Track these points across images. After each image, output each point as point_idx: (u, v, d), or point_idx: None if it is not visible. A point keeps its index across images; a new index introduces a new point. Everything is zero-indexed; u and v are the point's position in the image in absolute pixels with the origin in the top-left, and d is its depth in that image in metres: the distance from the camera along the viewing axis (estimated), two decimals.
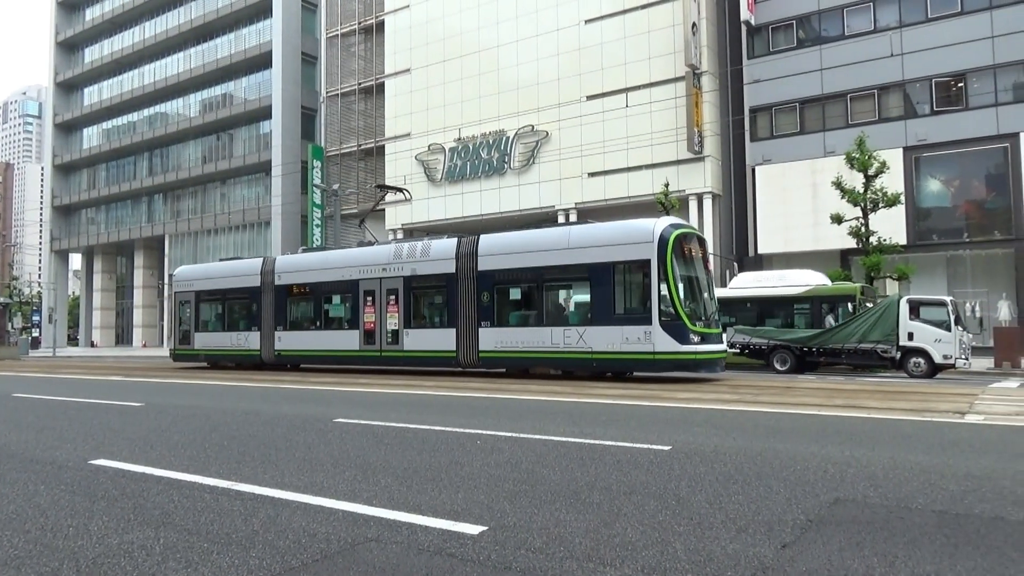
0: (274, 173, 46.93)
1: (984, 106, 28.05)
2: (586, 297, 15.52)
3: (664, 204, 27.42)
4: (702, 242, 15.87)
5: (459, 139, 38.38)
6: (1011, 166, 27.40)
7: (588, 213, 33.74)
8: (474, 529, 4.07)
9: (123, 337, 61.74)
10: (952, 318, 17.47)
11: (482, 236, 17.32)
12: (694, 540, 3.86)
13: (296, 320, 20.84)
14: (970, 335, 18.43)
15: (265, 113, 48.60)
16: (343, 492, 4.99)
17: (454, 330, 17.11)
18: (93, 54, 61.54)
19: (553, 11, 35.95)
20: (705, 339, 14.47)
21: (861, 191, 24.12)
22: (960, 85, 28.68)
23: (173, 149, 55.49)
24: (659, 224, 14.78)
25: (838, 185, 24.30)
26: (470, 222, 36.90)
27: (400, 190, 25.65)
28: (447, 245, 17.66)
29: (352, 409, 10.20)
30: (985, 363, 20.82)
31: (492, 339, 16.48)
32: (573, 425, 8.22)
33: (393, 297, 18.33)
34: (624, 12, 33.97)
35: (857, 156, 24.02)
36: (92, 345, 60.30)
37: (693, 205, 31.81)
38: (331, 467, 5.88)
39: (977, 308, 20.22)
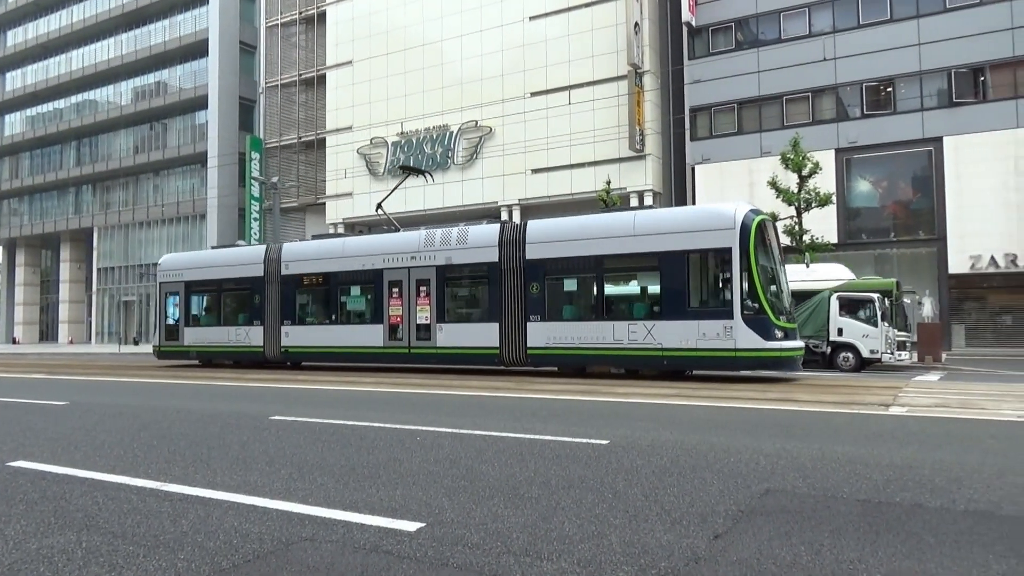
0: (210, 165, 45.66)
1: (911, 110, 29.20)
2: (655, 288, 14.26)
3: (606, 201, 27.72)
4: (776, 229, 14.76)
5: (402, 133, 38.03)
6: (935, 169, 28.61)
7: (531, 209, 33.89)
8: (411, 526, 4.03)
9: (47, 334, 59.23)
10: (879, 314, 18.14)
11: (530, 222, 16.03)
12: (629, 532, 3.91)
13: (307, 314, 19.18)
14: (895, 330, 19.18)
15: (201, 103, 47.21)
16: (278, 491, 4.89)
17: (497, 325, 15.74)
18: (16, 37, 58.68)
19: (497, 7, 35.91)
20: (787, 335, 13.43)
21: (795, 191, 24.84)
22: (889, 90, 29.80)
23: (103, 138, 53.39)
24: (740, 209, 13.60)
25: (773, 185, 24.97)
26: (413, 217, 36.61)
27: (423, 172, 23.41)
28: (488, 231, 16.35)
29: (290, 406, 10.00)
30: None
31: (543, 335, 15.16)
32: (514, 420, 8.24)
33: (424, 288, 16.81)
34: (568, 10, 34.16)
35: (792, 157, 24.72)
36: (14, 342, 57.66)
37: (634, 202, 32.26)
38: (266, 465, 5.76)
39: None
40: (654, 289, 14.31)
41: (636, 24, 32.12)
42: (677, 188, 33.44)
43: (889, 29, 29.55)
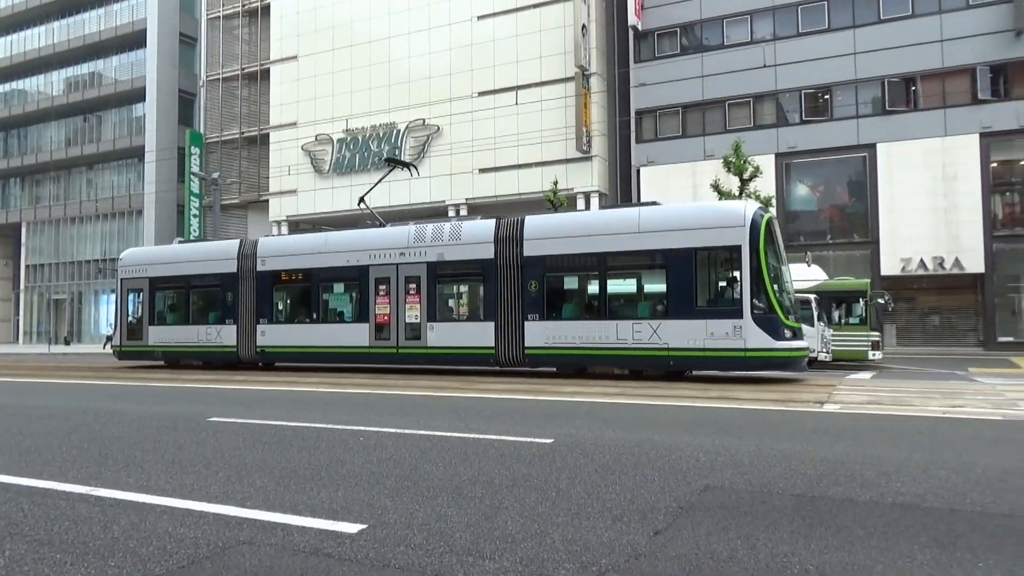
0: (147, 159, 44.27)
1: (847, 117, 30.20)
2: (661, 287, 13.91)
3: (553, 202, 27.89)
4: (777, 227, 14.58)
5: (348, 130, 37.55)
6: (869, 174, 29.65)
7: (478, 209, 33.85)
8: (353, 528, 3.99)
9: None
10: (816, 314, 18.68)
11: (528, 217, 15.50)
12: (572, 530, 3.94)
13: (285, 312, 18.33)
14: (830, 330, 19.79)
15: (138, 95, 45.74)
16: (215, 494, 4.77)
17: (492, 324, 15.17)
18: None
19: (445, 5, 35.77)
20: (795, 334, 13.24)
21: (737, 194, 25.41)
22: (826, 97, 30.74)
23: (33, 129, 51.24)
24: (749, 207, 13.43)
25: (716, 188, 25.50)
26: (359, 216, 36.17)
27: (409, 166, 22.69)
28: (483, 227, 15.75)
29: (229, 407, 9.78)
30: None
31: (541, 334, 14.65)
32: (458, 420, 8.22)
33: (414, 286, 16.12)
34: (516, 10, 34.24)
35: (733, 160, 25.29)
36: None
37: (581, 203, 32.54)
38: (203, 468, 5.61)
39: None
40: (659, 287, 13.97)
41: (583, 27, 32.39)
42: (623, 189, 33.85)
43: (827, 38, 30.49)
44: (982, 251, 27.78)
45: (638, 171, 33.27)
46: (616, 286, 14.64)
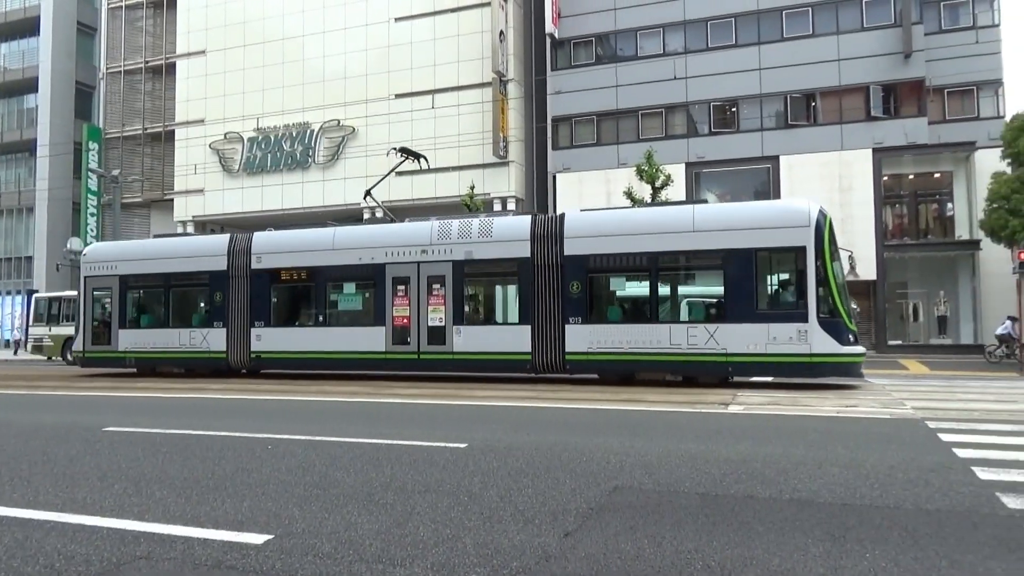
0: (40, 153, 41.69)
1: (752, 130, 31.47)
2: (718, 289, 13.20)
3: (469, 206, 27.91)
4: None
5: (259, 129, 36.46)
6: (772, 184, 30.98)
7: (394, 212, 33.48)
8: (259, 538, 3.87)
9: None
10: None
11: (567, 214, 14.64)
12: (484, 534, 3.95)
13: (286, 314, 16.72)
14: None
15: (30, 85, 43.04)
16: (110, 508, 4.54)
17: (528, 327, 14.17)
18: None
19: (362, 6, 35.28)
20: (855, 339, 12.72)
21: (649, 201, 26.08)
22: (733, 110, 31.95)
23: None
24: (813, 206, 12.82)
25: (629, 195, 26.09)
26: (270, 217, 35.19)
27: (419, 157, 21.01)
28: (517, 223, 14.73)
29: (127, 416, 9.31)
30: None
31: (584, 338, 13.72)
32: (371, 426, 8.11)
33: (438, 286, 14.95)
34: (434, 14, 34.11)
35: (646, 169, 25.94)
36: None
37: (497, 208, 32.67)
38: (97, 481, 5.33)
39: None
40: (717, 289, 13.27)
41: (501, 33, 32.58)
42: (539, 195, 34.20)
43: (734, 53, 31.70)
44: (875, 259, 29.47)
45: (554, 177, 33.69)
46: (668, 288, 13.85)
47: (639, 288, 13.93)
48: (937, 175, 30.12)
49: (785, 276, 12.98)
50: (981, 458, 5.85)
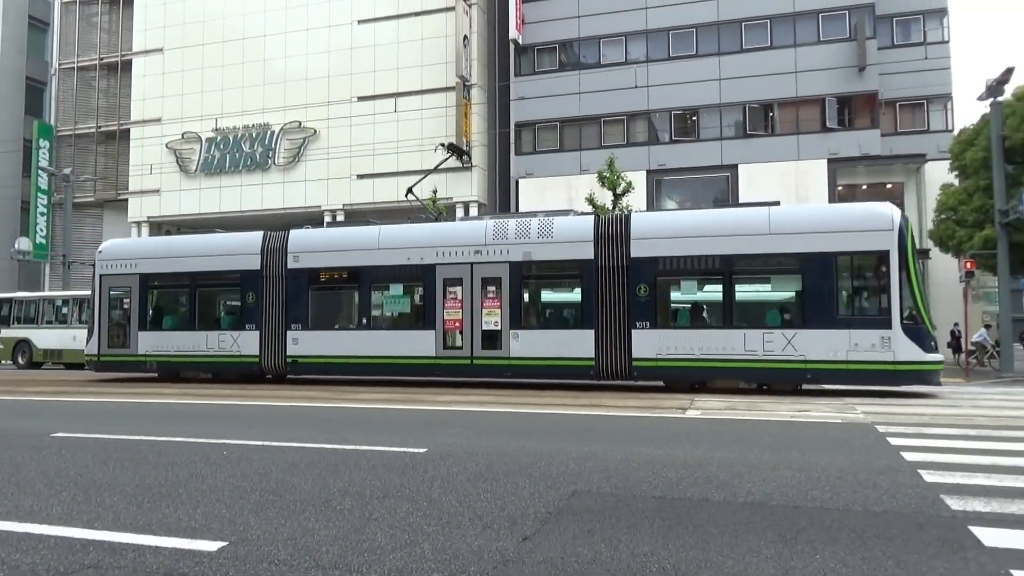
0: None
1: (712, 139, 31.99)
2: (796, 294, 12.91)
3: (431, 210, 27.81)
4: None
5: (217, 129, 35.88)
6: (731, 193, 31.51)
7: (356, 215, 33.26)
8: (212, 545, 3.81)
9: None
10: None
11: (634, 215, 14.21)
12: (442, 539, 3.95)
13: (325, 316, 16.02)
14: None
15: None
16: (57, 516, 4.42)
17: (592, 332, 13.62)
18: None
19: (325, 7, 35.00)
20: (936, 346, 12.52)
21: (610, 208, 26.31)
22: (694, 118, 32.43)
23: None
24: (895, 210, 12.53)
25: (590, 201, 26.29)
26: (229, 218, 34.63)
27: (464, 153, 20.70)
28: (580, 224, 14.21)
29: (76, 421, 9.08)
30: None
31: (652, 344, 13.21)
32: (330, 431, 8.03)
33: (493, 288, 14.33)
34: (398, 17, 34.01)
35: (607, 176, 26.17)
36: None
37: (460, 212, 32.63)
38: (44, 488, 5.18)
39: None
40: (794, 294, 13.04)
41: (465, 37, 32.61)
42: (502, 200, 34.27)
43: (694, 63, 32.19)
44: None
45: (517, 183, 33.80)
46: (744, 292, 13.41)
47: (711, 292, 13.49)
48: (889, 186, 30.95)
49: (867, 281, 12.65)
50: (927, 461, 6.03)
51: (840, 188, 30.49)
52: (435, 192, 29.31)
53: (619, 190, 26.10)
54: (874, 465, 5.89)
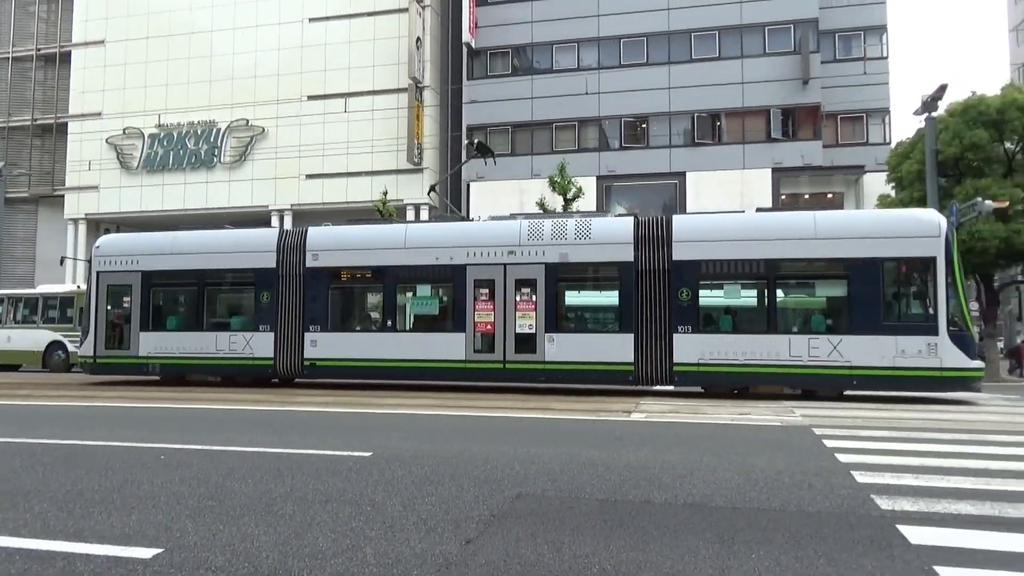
0: None
1: (661, 146, 32.53)
2: (842, 299, 12.82)
3: (382, 212, 27.62)
4: None
5: (161, 125, 35.00)
6: (679, 200, 32.08)
7: (304, 216, 32.82)
8: (147, 553, 3.72)
9: None
10: None
11: (675, 217, 13.90)
12: (385, 543, 3.92)
13: (347, 318, 15.44)
14: None
15: None
16: None
17: (631, 336, 13.29)
18: None
19: (275, 4, 34.49)
20: (978, 353, 12.49)
21: (561, 212, 26.52)
22: (644, 126, 32.94)
23: None
24: (941, 217, 12.57)
25: (541, 206, 26.47)
26: (172, 217, 33.78)
27: (489, 154, 19.82)
28: (619, 225, 13.89)
29: (4, 426, 8.73)
30: None
31: (694, 348, 12.96)
32: (273, 435, 7.90)
33: (527, 290, 13.88)
34: (350, 16, 33.71)
35: (558, 181, 26.38)
36: None
37: (411, 215, 32.48)
38: None
39: None
40: (839, 299, 12.92)
41: (418, 39, 32.50)
42: (453, 203, 34.21)
43: (645, 72, 32.71)
44: None
45: (468, 186, 33.79)
46: (789, 297, 13.44)
47: (755, 296, 13.41)
48: (830, 195, 31.93)
49: (914, 287, 12.66)
50: (860, 462, 6.23)
51: (784, 196, 31.32)
52: (385, 193, 29.12)
53: (569, 195, 26.33)
54: (810, 467, 6.07)
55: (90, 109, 36.13)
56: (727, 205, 30.98)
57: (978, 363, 12.22)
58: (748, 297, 13.55)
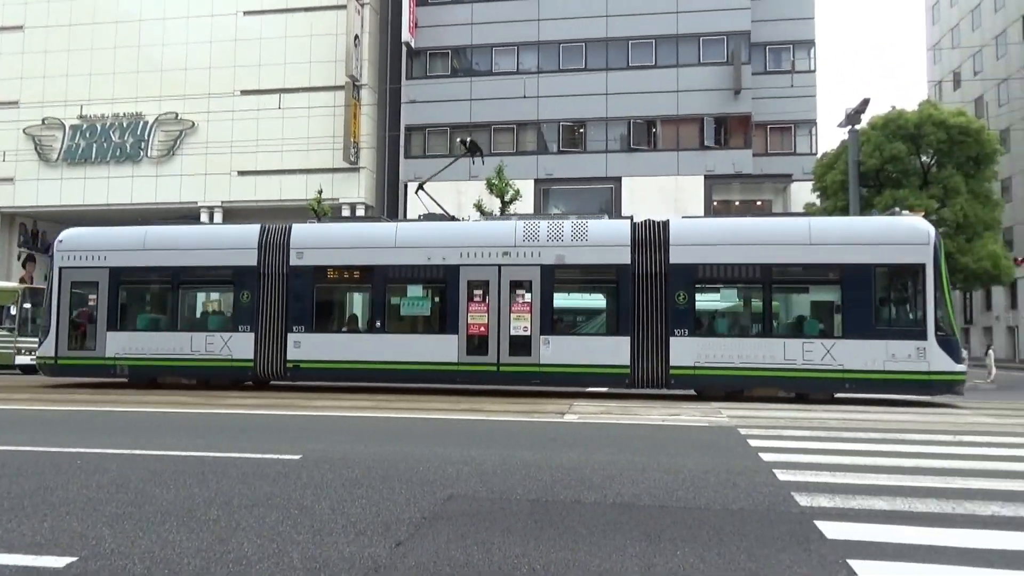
0: None
1: (598, 151, 32.95)
2: (835, 304, 13.03)
3: (316, 211, 27.16)
4: None
5: (84, 116, 33.59)
6: (615, 204, 32.57)
7: (235, 213, 32.00)
8: (60, 562, 3.57)
9: None
10: None
11: (672, 221, 13.90)
12: (312, 547, 3.87)
13: (332, 319, 15.09)
14: None
15: None
16: None
17: (627, 339, 13.27)
18: None
19: None
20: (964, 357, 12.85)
21: (498, 215, 26.58)
22: (581, 131, 33.32)
23: None
24: (929, 225, 12.95)
25: (479, 208, 26.48)
26: (93, 211, 32.47)
27: (479, 153, 19.36)
28: (616, 228, 13.86)
29: None
30: None
31: (691, 352, 13.01)
32: (199, 438, 7.68)
33: (523, 292, 13.74)
34: (286, 11, 33.05)
35: (496, 183, 26.45)
36: None
37: (346, 214, 32.05)
38: None
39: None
40: (833, 304, 13.13)
41: (356, 37, 32.10)
42: (390, 203, 33.91)
43: (583, 77, 33.09)
44: None
45: (405, 186, 33.55)
46: (783, 301, 13.67)
47: (751, 300, 13.67)
48: (759, 203, 32.93)
49: (904, 293, 13.02)
50: (782, 461, 6.45)
51: (715, 203, 32.14)
52: (320, 192, 28.65)
53: (507, 197, 26.43)
54: (734, 466, 6.24)
55: (6, 97, 34.39)
56: (661, 211, 31.53)
57: (963, 367, 12.61)
58: (743, 300, 13.93)
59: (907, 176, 22.79)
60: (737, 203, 33.27)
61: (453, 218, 15.89)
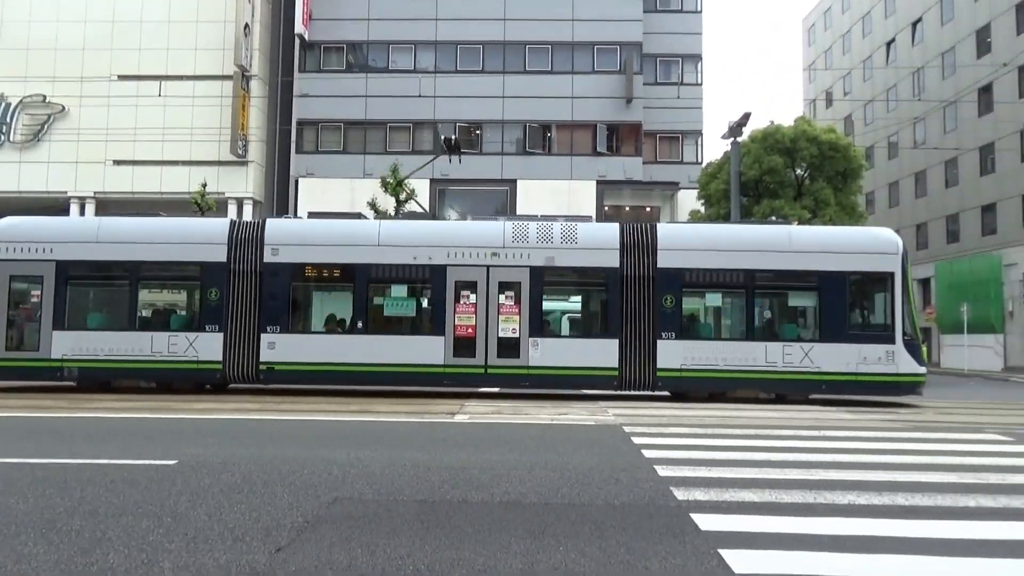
0: None
1: (494, 153, 33.16)
2: (813, 309, 13.60)
3: (200, 205, 25.96)
4: None
5: None
6: (509, 206, 32.88)
7: (111, 204, 30.12)
8: None
9: None
10: None
11: (659, 226, 14.05)
12: (186, 556, 3.71)
13: (309, 318, 14.31)
14: None
15: None
16: None
17: (616, 341, 13.31)
18: None
19: None
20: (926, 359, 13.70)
21: (392, 214, 26.26)
22: (478, 132, 33.42)
23: None
24: (897, 236, 13.81)
25: (373, 206, 26.07)
26: None
27: (457, 152, 18.66)
28: (605, 231, 13.95)
29: None
30: None
31: (677, 354, 13.20)
32: (62, 443, 7.18)
33: (511, 293, 13.56)
34: None
35: (391, 182, 26.12)
36: None
37: (232, 209, 30.79)
38: None
39: None
40: (811, 309, 13.73)
41: (247, 25, 30.91)
42: (280, 199, 32.86)
43: (480, 79, 33.22)
44: None
45: (296, 181, 32.62)
46: (765, 305, 14.08)
47: (735, 304, 14.02)
48: (648, 208, 34.08)
49: (875, 299, 13.73)
50: (663, 458, 6.71)
51: (607, 208, 33.02)
52: (204, 185, 27.39)
53: (402, 197, 26.16)
54: (618, 463, 6.44)
55: None
56: (554, 213, 32.17)
57: (924, 368, 13.45)
58: (728, 305, 14.36)
59: (783, 187, 24.24)
60: (627, 208, 34.30)
61: (431, 217, 15.80)
